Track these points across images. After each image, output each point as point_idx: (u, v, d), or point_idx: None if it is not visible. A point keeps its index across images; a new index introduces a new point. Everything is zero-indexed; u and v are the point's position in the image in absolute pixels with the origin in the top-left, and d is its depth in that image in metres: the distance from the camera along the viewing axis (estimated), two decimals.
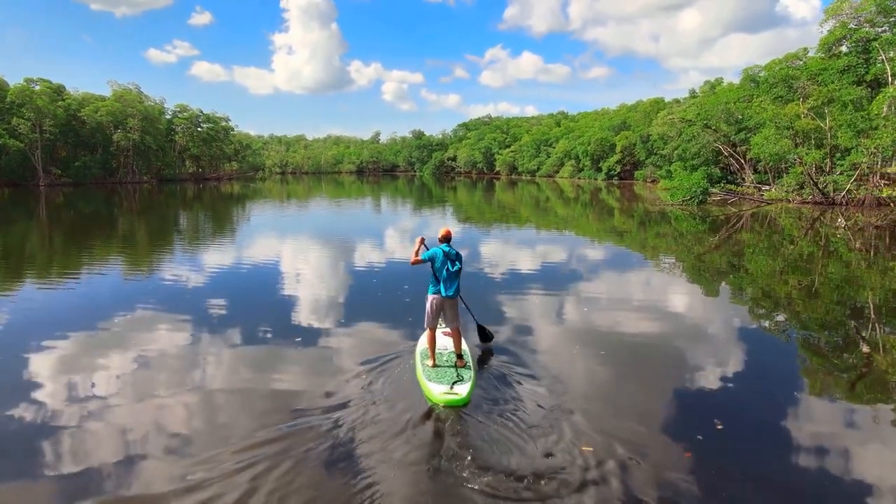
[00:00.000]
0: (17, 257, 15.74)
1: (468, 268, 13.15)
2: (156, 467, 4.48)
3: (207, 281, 11.99)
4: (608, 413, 5.46)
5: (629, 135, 66.09)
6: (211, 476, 4.28)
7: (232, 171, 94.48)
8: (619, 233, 22.15)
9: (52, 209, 32.52)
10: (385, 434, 4.90)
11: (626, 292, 11.17)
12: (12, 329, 8.35)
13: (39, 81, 61.32)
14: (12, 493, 4.20)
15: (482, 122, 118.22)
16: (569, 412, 5.40)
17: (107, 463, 4.55)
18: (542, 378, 6.27)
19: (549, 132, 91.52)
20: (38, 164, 57.02)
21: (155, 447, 4.80)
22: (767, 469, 4.54)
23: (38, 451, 4.71)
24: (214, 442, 4.86)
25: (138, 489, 4.19)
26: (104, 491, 4.16)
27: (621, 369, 6.84)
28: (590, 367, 6.86)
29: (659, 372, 6.78)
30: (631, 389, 6.19)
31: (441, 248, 6.21)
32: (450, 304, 6.20)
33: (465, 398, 5.40)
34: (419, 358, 6.34)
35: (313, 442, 4.76)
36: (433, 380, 5.69)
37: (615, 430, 5.04)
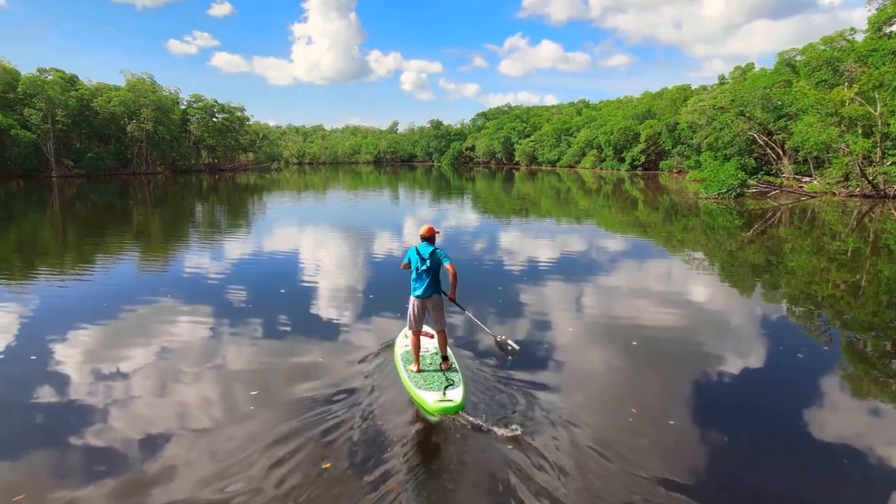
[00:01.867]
0: (34, 249, 15.61)
1: (487, 260, 13.54)
2: (173, 451, 4.69)
3: (223, 273, 11.95)
4: (622, 419, 5.26)
5: (654, 123, 63.67)
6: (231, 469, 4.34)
7: (247, 161, 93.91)
8: (643, 225, 21.00)
9: (66, 201, 31.96)
10: (381, 446, 4.69)
11: (648, 288, 10.49)
12: (36, 319, 8.48)
13: (52, 71, 60.87)
14: (37, 479, 4.29)
15: (501, 111, 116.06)
16: (573, 415, 5.21)
17: (127, 447, 4.74)
18: (548, 379, 6.08)
19: (570, 121, 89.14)
20: (51, 156, 56.45)
21: (167, 431, 5.01)
22: (805, 481, 4.36)
23: (63, 438, 4.87)
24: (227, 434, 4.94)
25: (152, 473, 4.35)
26: (125, 472, 4.34)
27: (641, 371, 6.42)
28: (606, 368, 6.51)
29: (682, 376, 6.33)
30: (653, 394, 5.84)
31: (416, 247, 5.92)
32: (431, 305, 5.93)
33: (459, 404, 5.23)
34: (401, 362, 6.13)
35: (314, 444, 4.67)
36: (423, 387, 5.50)
37: (627, 442, 4.79)
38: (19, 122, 52.72)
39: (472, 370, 6.21)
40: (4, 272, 12.29)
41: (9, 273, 12.22)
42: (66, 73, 62.71)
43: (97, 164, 60.18)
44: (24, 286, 10.86)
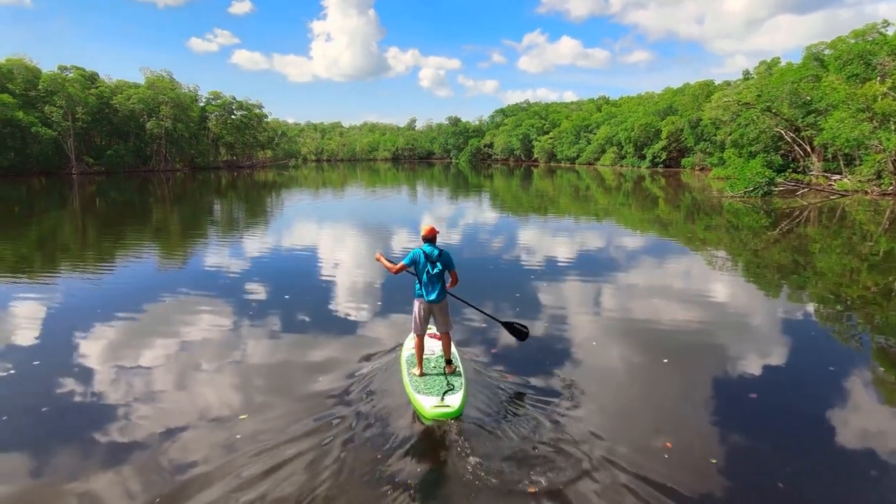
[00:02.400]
0: (57, 246, 15.74)
1: (505, 256, 13.49)
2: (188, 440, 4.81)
3: (240, 270, 11.93)
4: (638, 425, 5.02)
5: (676, 120, 62.46)
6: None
7: (265, 158, 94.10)
8: (664, 224, 20.58)
9: (86, 198, 32.40)
10: (375, 451, 4.51)
11: (673, 291, 10.09)
12: (58, 314, 8.56)
13: (73, 69, 61.34)
14: (60, 469, 4.33)
15: (520, 107, 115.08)
16: (597, 448, 4.62)
17: (144, 436, 4.81)
18: (566, 396, 5.59)
19: (590, 118, 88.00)
20: (71, 153, 56.70)
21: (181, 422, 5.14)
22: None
23: (83, 428, 4.95)
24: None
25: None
26: (142, 461, 4.42)
27: (671, 391, 5.86)
28: (632, 386, 5.96)
29: (718, 396, 5.78)
30: (688, 422, 5.20)
31: (422, 249, 5.71)
32: (437, 309, 5.76)
33: (457, 410, 5.02)
34: (405, 366, 5.95)
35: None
36: (422, 391, 5.31)
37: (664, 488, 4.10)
38: (40, 119, 53.11)
39: (483, 382, 5.86)
40: (28, 268, 12.41)
41: (32, 269, 12.33)
42: (86, 70, 63.08)
43: (116, 162, 60.41)
44: (46, 282, 10.90)
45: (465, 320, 7.97)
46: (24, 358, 6.68)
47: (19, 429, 5.03)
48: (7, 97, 49.93)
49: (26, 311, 8.69)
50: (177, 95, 67.95)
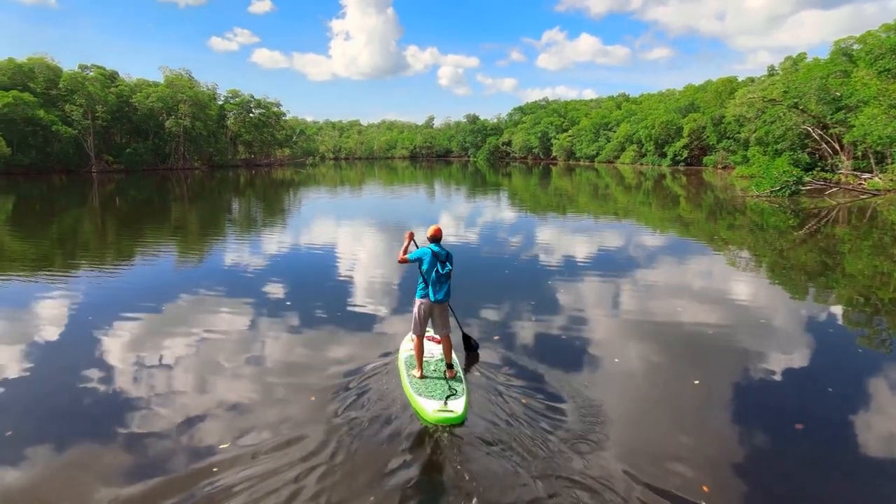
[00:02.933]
0: (79, 243, 15.87)
1: (523, 255, 13.38)
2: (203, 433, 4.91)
3: (262, 267, 12.04)
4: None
5: (698, 117, 61.31)
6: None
7: (283, 156, 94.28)
8: (686, 223, 20.15)
9: (106, 196, 32.90)
10: (376, 455, 4.41)
11: (691, 289, 9.88)
12: (82, 310, 8.63)
13: (93, 68, 62.13)
14: (84, 459, 4.45)
15: (538, 105, 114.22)
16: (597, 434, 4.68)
17: (156, 426, 4.96)
18: (585, 417, 5.11)
19: (610, 115, 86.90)
20: (91, 151, 57.25)
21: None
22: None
23: (108, 420, 5.03)
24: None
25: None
26: (155, 449, 4.56)
27: (706, 416, 5.24)
28: (660, 408, 5.34)
29: (737, 401, 5.52)
30: (726, 456, 4.54)
31: (430, 248, 5.69)
32: (439, 310, 5.68)
33: (460, 416, 4.86)
34: (404, 367, 5.81)
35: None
36: (423, 394, 5.17)
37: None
38: (61, 118, 53.75)
39: (487, 386, 5.65)
40: (50, 266, 12.57)
41: (54, 266, 12.48)
42: (106, 69, 63.83)
43: (135, 160, 60.89)
44: (68, 279, 11.01)
45: (475, 321, 7.81)
46: (46, 353, 6.73)
47: (42, 420, 5.12)
48: (28, 96, 50.74)
49: (49, 307, 8.76)
50: (195, 94, 68.35)
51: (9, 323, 7.97)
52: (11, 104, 48.66)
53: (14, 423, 5.02)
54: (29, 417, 5.16)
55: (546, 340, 7.11)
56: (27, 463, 4.41)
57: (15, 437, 4.80)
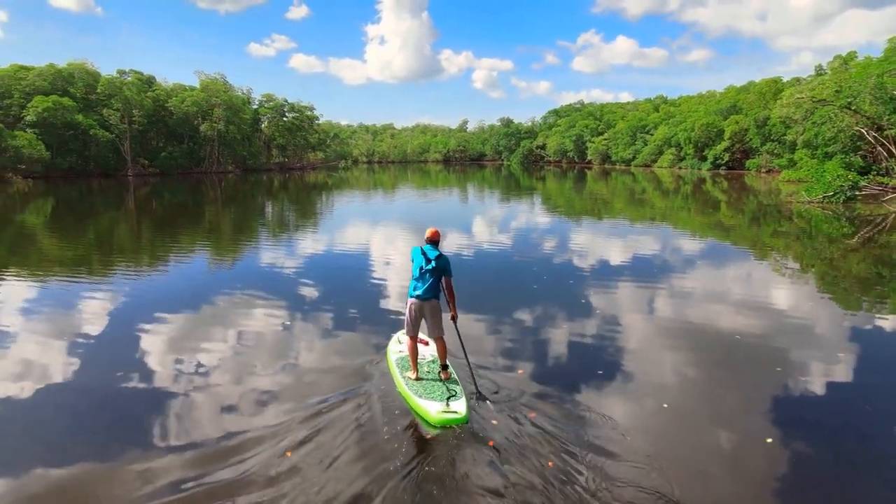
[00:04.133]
0: (117, 245, 16.29)
1: (556, 259, 13.21)
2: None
3: (293, 269, 12.12)
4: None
5: (740, 119, 59.36)
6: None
7: (316, 160, 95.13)
8: (726, 228, 19.36)
9: (142, 199, 33.82)
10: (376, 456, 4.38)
11: (729, 297, 9.41)
12: (122, 310, 8.81)
13: (131, 72, 63.77)
14: (120, 452, 4.54)
15: (573, 108, 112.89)
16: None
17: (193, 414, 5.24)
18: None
19: (647, 118, 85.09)
20: (127, 155, 58.41)
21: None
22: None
23: (143, 416, 5.15)
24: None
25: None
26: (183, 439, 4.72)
27: (719, 408, 4.96)
28: (703, 438, 4.87)
29: (768, 407, 5.26)
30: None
31: (421, 248, 5.68)
32: (429, 310, 5.54)
33: (464, 416, 4.87)
34: (396, 369, 5.75)
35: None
36: (423, 396, 5.16)
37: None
38: (99, 122, 55.08)
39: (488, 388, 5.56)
40: (91, 266, 12.94)
41: (95, 267, 12.84)
42: (143, 74, 65.39)
43: (170, 164, 61.91)
44: (107, 280, 11.30)
45: (505, 327, 7.58)
46: (88, 351, 6.84)
47: (82, 414, 5.33)
48: (68, 100, 52.32)
49: (90, 307, 8.94)
50: (229, 98, 69.29)
51: (51, 321, 8.15)
52: (51, 109, 50.23)
53: (62, 413, 5.30)
54: (68, 410, 5.29)
55: (575, 347, 6.84)
56: (78, 446, 4.69)
57: (65, 424, 5.09)
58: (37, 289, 10.31)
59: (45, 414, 5.29)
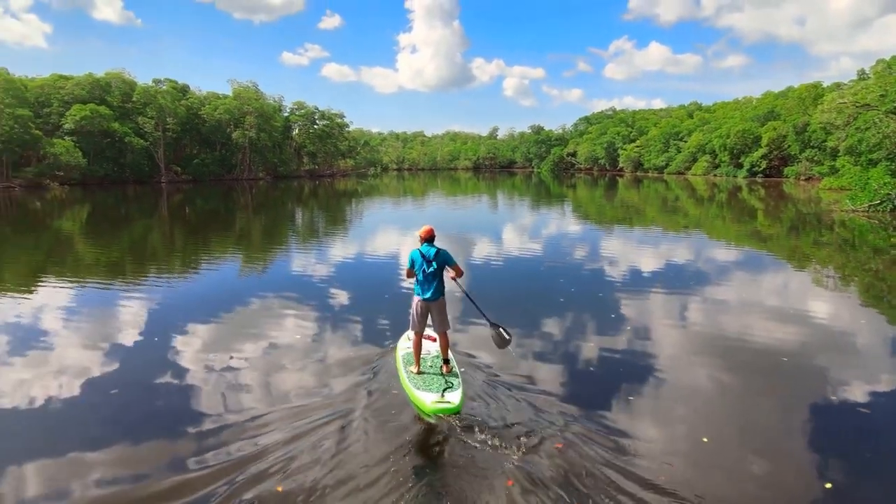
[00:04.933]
0: (151, 251, 16.86)
1: (587, 267, 13.34)
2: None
3: (325, 274, 12.40)
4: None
5: (778, 125, 57.80)
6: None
7: (346, 167, 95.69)
8: (763, 238, 18.80)
9: (176, 205, 34.68)
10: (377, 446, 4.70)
11: (767, 308, 9.12)
12: (158, 313, 9.08)
13: (166, 81, 65.65)
14: (155, 444, 4.85)
15: (605, 115, 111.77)
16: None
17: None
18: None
19: (680, 124, 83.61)
20: (161, 162, 59.80)
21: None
22: None
23: (178, 417, 5.35)
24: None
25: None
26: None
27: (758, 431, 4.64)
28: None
29: (806, 423, 5.02)
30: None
31: (419, 250, 5.91)
32: (435, 308, 5.89)
33: (457, 406, 5.18)
34: (402, 363, 6.09)
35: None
36: (421, 388, 5.46)
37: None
38: (134, 130, 56.80)
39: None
40: (128, 272, 13.43)
41: (132, 272, 13.31)
42: (178, 83, 67.11)
43: (203, 170, 63.20)
44: (143, 284, 11.72)
45: (537, 332, 7.59)
46: (126, 353, 7.13)
47: (119, 414, 5.48)
48: (104, 109, 54.06)
49: (128, 310, 9.29)
50: (261, 105, 70.36)
51: (88, 325, 8.46)
52: (88, 117, 52.04)
53: (102, 411, 5.54)
54: (105, 411, 5.54)
55: (604, 365, 6.78)
56: (117, 436, 4.98)
57: (105, 419, 5.32)
58: (75, 293, 10.63)
59: (83, 408, 5.57)
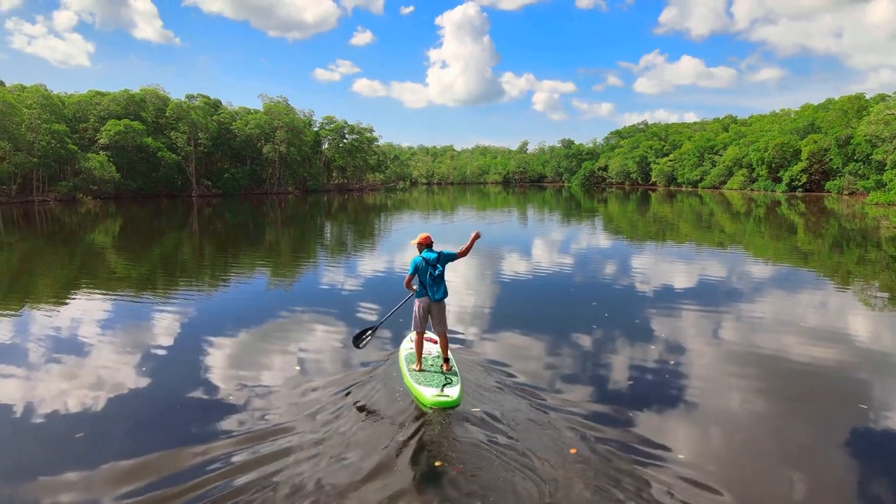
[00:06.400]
0: (184, 264, 17.31)
1: (620, 282, 13.07)
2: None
3: (352, 288, 12.61)
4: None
5: (819, 138, 56.11)
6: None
7: (375, 181, 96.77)
8: (804, 254, 18.07)
9: (207, 219, 35.36)
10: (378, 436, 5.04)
11: (810, 327, 8.69)
12: (187, 325, 9.27)
13: (198, 97, 67.58)
14: (185, 450, 4.90)
15: (637, 128, 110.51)
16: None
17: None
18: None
19: (715, 138, 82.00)
20: (192, 176, 61.24)
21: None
22: None
23: (206, 425, 5.44)
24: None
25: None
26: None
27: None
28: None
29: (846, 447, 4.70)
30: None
31: (422, 256, 6.34)
32: (437, 308, 6.32)
33: (455, 400, 5.52)
34: (404, 362, 6.45)
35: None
36: (422, 383, 5.81)
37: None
38: (166, 144, 58.38)
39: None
40: (162, 284, 13.79)
41: (166, 285, 13.66)
42: (210, 98, 68.92)
43: (233, 185, 64.41)
44: (176, 296, 11.99)
45: (564, 348, 7.43)
46: (157, 364, 7.27)
47: (151, 420, 5.65)
48: (138, 124, 55.80)
49: (158, 323, 9.50)
50: (291, 120, 71.66)
51: (119, 336, 8.63)
52: (122, 132, 53.75)
53: (130, 415, 5.69)
54: (137, 417, 5.64)
55: (631, 368, 6.59)
56: (144, 443, 5.07)
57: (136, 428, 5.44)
58: (106, 305, 10.84)
59: (113, 419, 5.66)
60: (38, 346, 8.03)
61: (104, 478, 4.46)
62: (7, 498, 4.21)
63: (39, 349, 7.85)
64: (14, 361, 7.29)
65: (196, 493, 4.13)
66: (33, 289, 12.91)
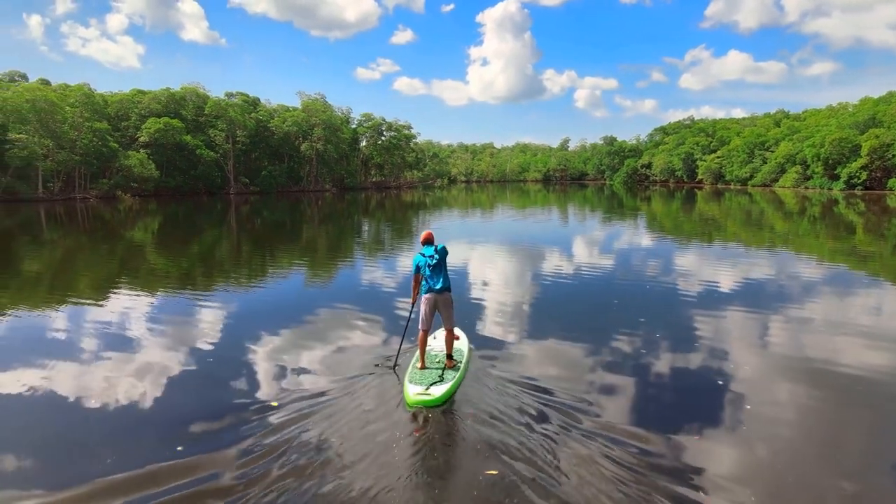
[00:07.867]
0: (221, 260, 17.72)
1: (662, 281, 12.82)
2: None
3: (389, 286, 12.47)
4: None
5: (881, 133, 53.17)
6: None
7: (413, 179, 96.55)
8: (862, 255, 17.13)
9: (245, 216, 35.54)
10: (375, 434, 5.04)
11: (868, 333, 8.23)
12: (233, 321, 9.55)
13: (237, 94, 68.31)
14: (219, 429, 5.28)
15: (683, 125, 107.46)
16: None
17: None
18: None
19: (766, 134, 78.83)
20: (231, 174, 61.92)
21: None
22: None
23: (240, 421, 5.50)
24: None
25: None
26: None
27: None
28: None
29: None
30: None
31: (421, 253, 6.32)
32: (443, 302, 6.24)
33: (437, 399, 5.41)
34: (413, 360, 6.49)
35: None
36: (414, 381, 5.78)
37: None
38: (205, 142, 59.19)
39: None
40: (201, 281, 14.16)
41: (205, 281, 14.00)
42: (249, 96, 69.62)
43: (270, 182, 65.00)
44: (216, 292, 12.28)
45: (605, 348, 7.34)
46: (200, 357, 7.55)
47: (193, 409, 5.84)
48: (177, 122, 56.50)
49: (203, 317, 9.75)
50: (329, 117, 71.73)
51: (166, 332, 8.86)
52: (162, 130, 54.61)
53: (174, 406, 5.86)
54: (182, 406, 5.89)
55: (671, 384, 6.45)
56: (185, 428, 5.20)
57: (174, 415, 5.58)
58: (145, 300, 11.07)
59: (153, 412, 5.86)
60: (84, 340, 8.29)
61: (148, 474, 4.54)
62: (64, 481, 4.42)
63: (85, 343, 8.09)
64: (63, 356, 7.55)
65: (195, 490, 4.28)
66: (76, 285, 13.14)
